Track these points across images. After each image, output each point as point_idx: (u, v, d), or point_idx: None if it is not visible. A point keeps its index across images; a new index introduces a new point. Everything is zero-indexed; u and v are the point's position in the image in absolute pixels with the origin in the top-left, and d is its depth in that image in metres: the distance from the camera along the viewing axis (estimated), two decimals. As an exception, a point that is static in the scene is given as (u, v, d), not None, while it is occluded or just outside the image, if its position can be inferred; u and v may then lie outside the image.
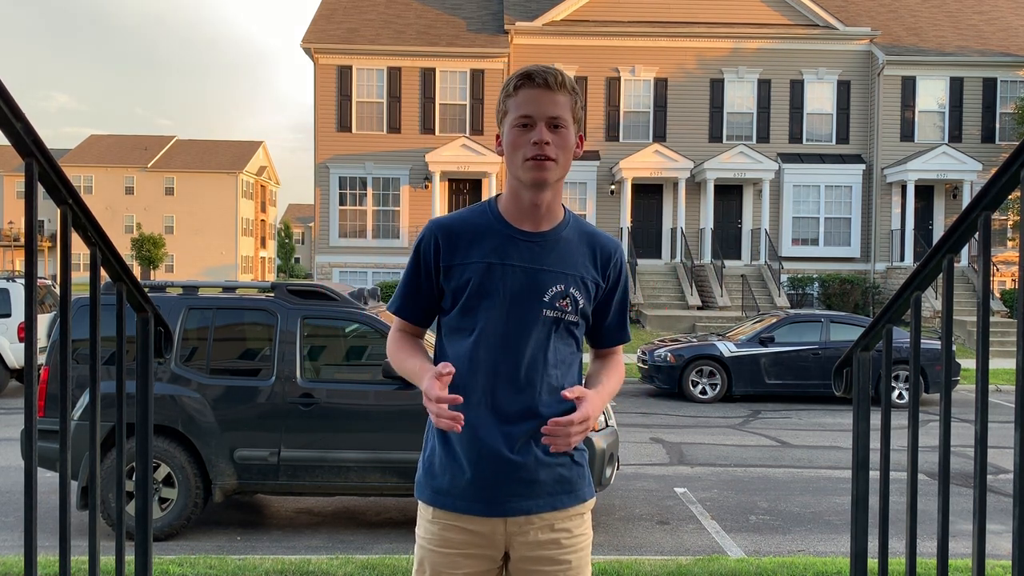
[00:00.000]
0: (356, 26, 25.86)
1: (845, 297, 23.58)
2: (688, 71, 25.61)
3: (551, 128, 1.93)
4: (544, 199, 1.98)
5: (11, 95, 1.61)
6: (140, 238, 58.98)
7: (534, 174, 1.93)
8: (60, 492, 2.01)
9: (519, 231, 2.00)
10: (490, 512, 1.97)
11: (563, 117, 1.93)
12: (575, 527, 2.04)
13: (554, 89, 1.92)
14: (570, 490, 2.03)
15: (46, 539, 5.93)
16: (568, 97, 1.95)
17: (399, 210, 25.41)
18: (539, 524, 1.99)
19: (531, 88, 1.93)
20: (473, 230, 2.01)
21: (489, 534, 1.98)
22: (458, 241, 2.00)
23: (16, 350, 13.44)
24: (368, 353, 6.70)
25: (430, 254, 2.02)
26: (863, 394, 2.87)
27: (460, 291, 1.99)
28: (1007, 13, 27.88)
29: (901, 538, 6.18)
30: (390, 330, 2.17)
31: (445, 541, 2.00)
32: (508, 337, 1.97)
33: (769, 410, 12.73)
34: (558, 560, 2.00)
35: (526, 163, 1.93)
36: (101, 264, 2.21)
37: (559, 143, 1.94)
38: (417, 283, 2.06)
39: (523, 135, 1.93)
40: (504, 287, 1.97)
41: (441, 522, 2.00)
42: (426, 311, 2.09)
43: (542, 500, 1.99)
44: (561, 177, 1.99)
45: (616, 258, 2.09)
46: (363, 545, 6.13)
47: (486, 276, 1.97)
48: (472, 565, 1.99)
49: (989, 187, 2.03)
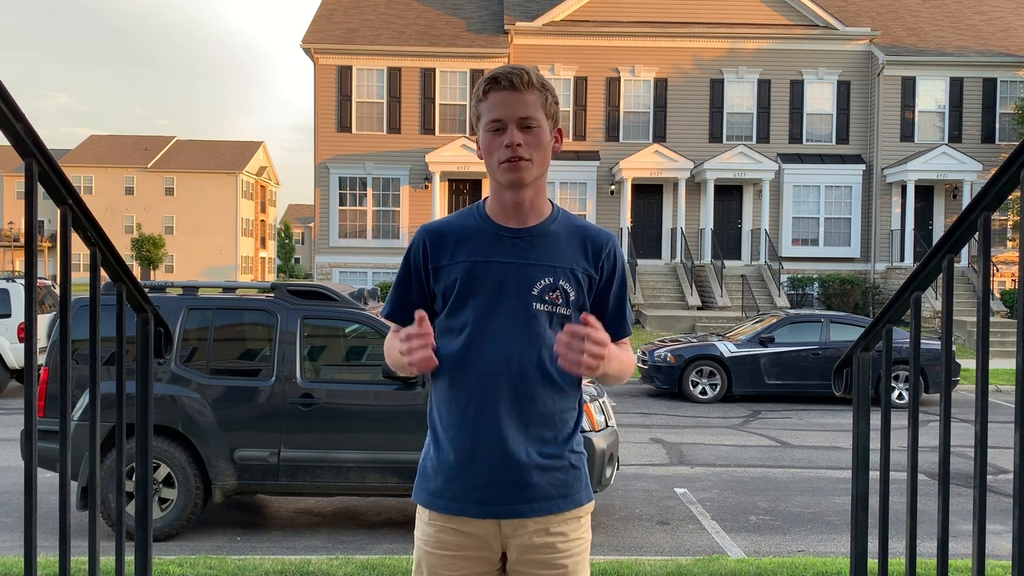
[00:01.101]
0: (356, 26, 25.86)
1: (845, 297, 23.57)
2: (688, 71, 25.62)
3: (523, 129, 1.94)
4: (526, 197, 2.00)
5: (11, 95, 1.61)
6: (140, 238, 58.97)
7: (510, 175, 1.94)
8: (60, 492, 2.01)
9: (505, 228, 2.01)
10: (483, 514, 1.96)
11: (534, 116, 1.94)
12: (571, 531, 2.02)
13: (521, 90, 1.93)
14: (566, 494, 2.00)
15: (46, 539, 5.93)
16: (538, 95, 1.95)
17: (399, 210, 25.41)
18: (534, 527, 1.98)
19: (499, 91, 1.94)
20: (460, 232, 2.03)
21: (484, 536, 1.98)
22: (445, 243, 2.02)
23: (16, 350, 13.44)
24: (368, 353, 6.70)
25: (419, 258, 2.04)
26: (863, 394, 2.87)
27: (448, 291, 2.00)
28: (1007, 13, 27.88)
29: (901, 538, 6.18)
30: (387, 335, 2.17)
31: (441, 543, 2.00)
32: (499, 334, 1.97)
33: (769, 410, 12.73)
34: (554, 564, 1.99)
35: (501, 165, 1.94)
36: (101, 264, 2.21)
37: (532, 142, 1.95)
38: (408, 287, 2.07)
39: (496, 139, 1.95)
40: (490, 284, 1.97)
41: (437, 524, 2.00)
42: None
43: (536, 504, 1.97)
44: (540, 175, 1.99)
45: (608, 249, 2.07)
46: (363, 545, 6.13)
47: (471, 274, 1.98)
48: (468, 567, 2.00)
49: (989, 187, 2.03)
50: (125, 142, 69.69)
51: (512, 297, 1.97)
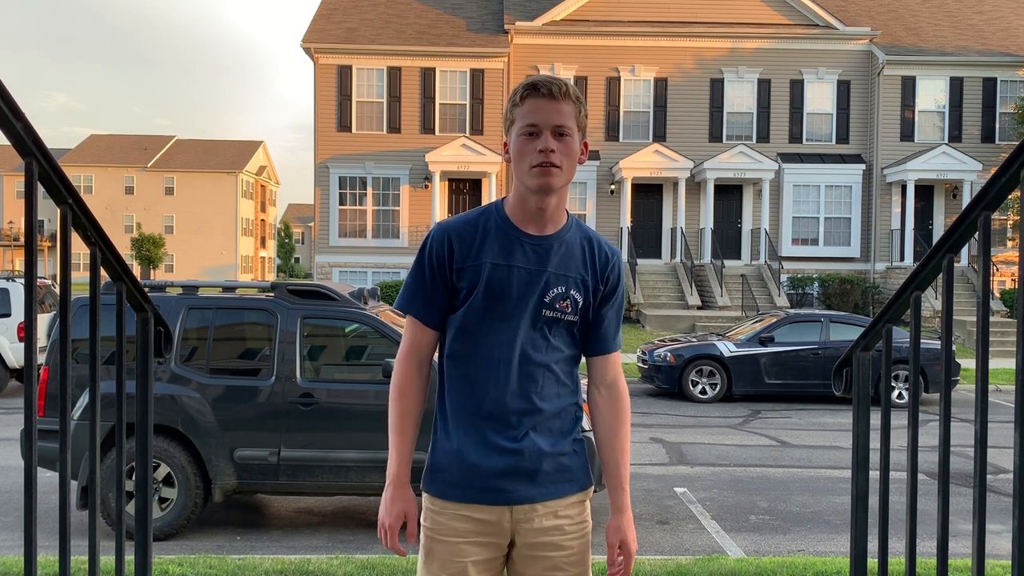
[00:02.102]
0: (356, 26, 25.86)
1: (845, 297, 23.57)
2: (688, 71, 25.61)
3: (556, 136, 2.01)
4: (550, 204, 2.07)
5: (11, 95, 1.61)
6: (140, 238, 58.96)
7: (540, 180, 2.00)
8: (60, 492, 2.01)
9: (525, 234, 2.08)
10: (498, 501, 2.06)
11: (568, 126, 2.01)
12: (577, 514, 2.14)
13: (559, 99, 2.00)
14: (571, 478, 2.13)
15: (46, 539, 5.93)
16: (572, 106, 2.02)
17: (399, 210, 25.40)
18: (543, 511, 2.09)
19: (537, 98, 2.00)
20: (482, 232, 2.09)
21: (496, 522, 2.07)
22: (470, 243, 2.07)
23: (16, 350, 13.44)
24: (368, 353, 6.70)
25: (444, 255, 2.08)
26: (863, 394, 2.87)
27: (469, 291, 2.07)
28: (1007, 13, 27.88)
29: (901, 538, 6.18)
30: (400, 350, 2.16)
31: (453, 530, 2.07)
32: (511, 335, 2.06)
33: (769, 410, 12.73)
34: (562, 546, 2.10)
35: (532, 170, 2.01)
36: (101, 264, 2.21)
37: (564, 151, 2.01)
38: (433, 285, 2.10)
39: (529, 143, 2.01)
40: (509, 288, 2.06)
41: (449, 512, 2.08)
42: (442, 313, 2.13)
43: (546, 489, 2.08)
44: (566, 183, 2.07)
45: (613, 263, 2.17)
46: (363, 545, 6.13)
47: (493, 277, 2.05)
48: (479, 552, 2.07)
49: (989, 187, 2.03)
50: (125, 142, 69.68)
51: (527, 301, 2.06)
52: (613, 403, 2.19)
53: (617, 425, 2.18)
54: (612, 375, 2.20)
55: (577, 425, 2.16)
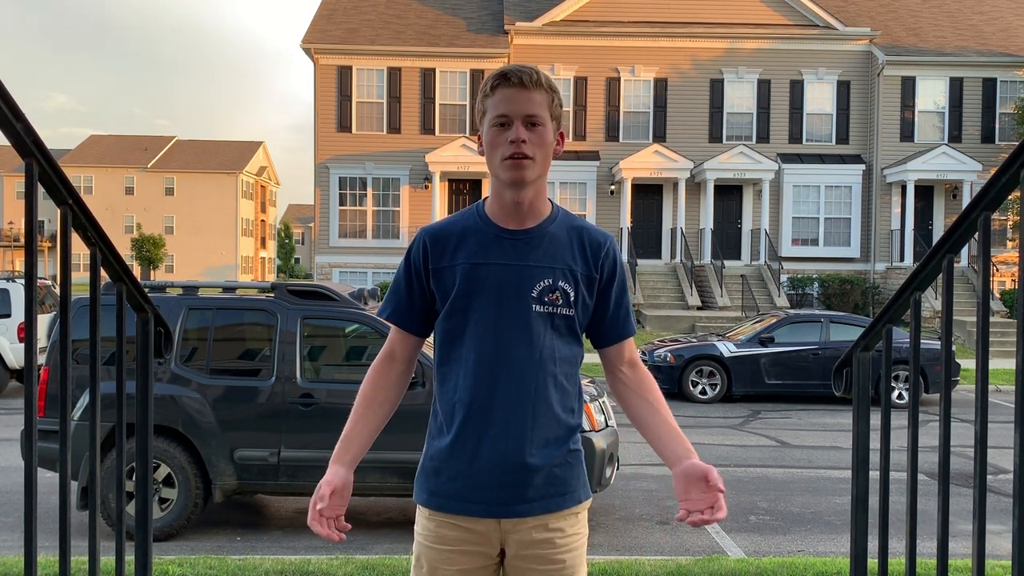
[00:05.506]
0: (356, 26, 25.86)
1: (845, 297, 23.58)
2: (688, 71, 25.62)
3: (528, 126, 1.94)
4: (526, 197, 1.99)
5: (11, 95, 1.61)
6: (140, 238, 58.98)
7: (512, 173, 1.94)
8: (60, 492, 2.01)
9: (504, 230, 2.01)
10: (485, 513, 1.99)
11: (540, 115, 1.94)
12: (568, 526, 2.04)
13: (529, 88, 1.94)
14: (564, 492, 2.03)
15: (46, 539, 5.93)
16: (545, 95, 1.96)
17: (399, 210, 25.41)
18: (533, 523, 2.00)
19: (507, 88, 1.94)
20: (460, 233, 2.03)
21: (484, 532, 2.01)
22: (445, 244, 2.02)
23: (16, 350, 13.44)
24: (368, 353, 6.70)
25: (420, 259, 2.04)
26: (863, 394, 2.87)
27: (448, 293, 2.01)
28: (1007, 13, 27.88)
29: (901, 538, 6.18)
30: (380, 350, 2.16)
31: (441, 538, 2.02)
32: (499, 336, 1.98)
33: (769, 410, 12.73)
34: (552, 559, 2.01)
35: (504, 162, 1.94)
36: (101, 264, 2.22)
37: (536, 141, 1.95)
38: (409, 289, 2.07)
39: (500, 134, 1.94)
40: (490, 286, 1.98)
41: (437, 519, 2.03)
42: (421, 318, 2.09)
43: (537, 503, 1.99)
44: (541, 174, 1.99)
45: (607, 248, 2.07)
46: (363, 545, 6.13)
47: (471, 276, 1.99)
48: (468, 561, 2.02)
49: (989, 187, 2.03)
50: (125, 142, 69.69)
51: (512, 299, 1.98)
52: (640, 380, 2.10)
53: (647, 392, 2.08)
54: (629, 356, 2.11)
55: (573, 434, 2.06)
